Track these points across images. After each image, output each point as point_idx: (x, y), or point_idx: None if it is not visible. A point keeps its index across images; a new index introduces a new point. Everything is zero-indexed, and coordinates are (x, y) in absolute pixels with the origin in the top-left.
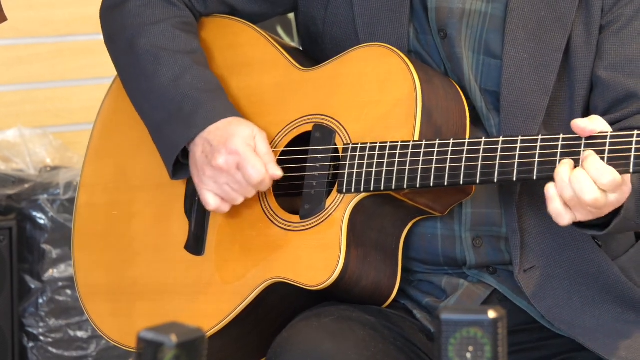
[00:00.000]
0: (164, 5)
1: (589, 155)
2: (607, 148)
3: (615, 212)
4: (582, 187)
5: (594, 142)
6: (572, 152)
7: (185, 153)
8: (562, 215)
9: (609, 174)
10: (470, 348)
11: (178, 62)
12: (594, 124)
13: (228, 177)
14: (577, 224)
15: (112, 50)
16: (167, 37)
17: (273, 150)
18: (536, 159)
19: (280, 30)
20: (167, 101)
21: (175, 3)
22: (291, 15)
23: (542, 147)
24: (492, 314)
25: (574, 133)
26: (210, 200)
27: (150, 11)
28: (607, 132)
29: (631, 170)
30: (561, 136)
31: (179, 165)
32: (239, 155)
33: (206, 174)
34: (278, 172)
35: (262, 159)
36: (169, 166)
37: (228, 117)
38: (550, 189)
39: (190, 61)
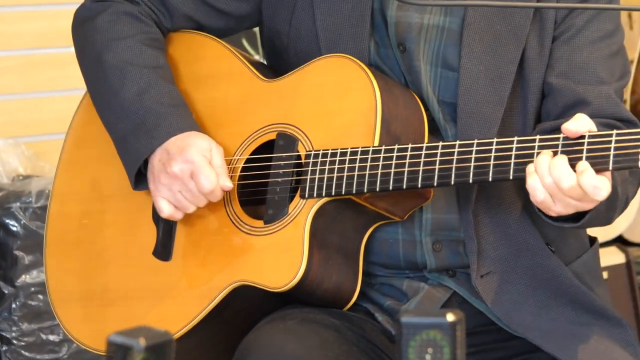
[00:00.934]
0: (131, 21)
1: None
2: (585, 147)
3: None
4: (560, 174)
5: (546, 144)
6: (526, 154)
7: (147, 164)
8: (537, 196)
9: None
10: (430, 350)
11: (144, 76)
12: (581, 124)
13: (182, 185)
14: (556, 218)
15: (82, 63)
16: (134, 52)
17: (238, 158)
18: (491, 162)
19: (245, 44)
20: (131, 114)
21: (142, 19)
22: (256, 29)
23: (497, 150)
24: (450, 317)
25: (530, 137)
26: (164, 207)
27: (119, 27)
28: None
29: (610, 168)
30: (515, 139)
31: (141, 176)
32: (193, 165)
33: (161, 181)
34: (228, 184)
35: (215, 170)
36: (131, 177)
37: (188, 131)
38: (530, 181)
39: (155, 76)
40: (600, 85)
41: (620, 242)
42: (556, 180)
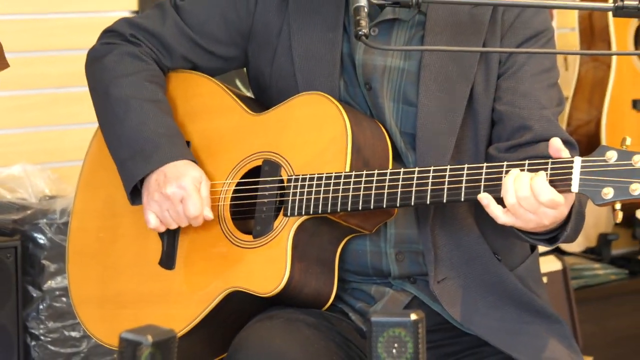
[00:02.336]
0: (134, 61)
1: (534, 175)
2: (548, 172)
3: (562, 228)
4: (519, 186)
5: (493, 170)
6: (475, 180)
7: (142, 183)
8: (499, 217)
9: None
10: (396, 345)
11: (144, 109)
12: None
13: (170, 205)
14: (528, 234)
15: (93, 97)
16: (137, 88)
17: (230, 182)
18: (445, 186)
19: (238, 82)
20: (132, 142)
21: (144, 59)
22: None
23: (450, 176)
24: (413, 317)
25: (478, 164)
26: (151, 220)
27: (123, 66)
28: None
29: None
30: (466, 166)
31: (138, 193)
32: (185, 191)
33: (154, 198)
34: (210, 215)
35: (202, 199)
36: (127, 194)
37: (182, 160)
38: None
39: (155, 109)
40: (541, 110)
41: (557, 252)
42: (520, 187)
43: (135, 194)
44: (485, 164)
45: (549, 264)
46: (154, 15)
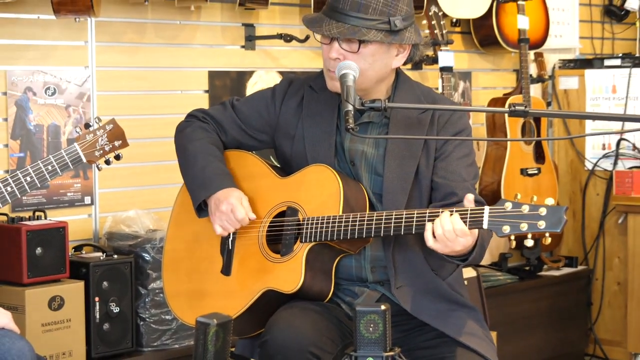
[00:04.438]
0: (203, 132)
1: (453, 215)
2: (468, 217)
3: (470, 253)
4: (441, 223)
5: (432, 215)
6: (421, 219)
7: (205, 204)
8: (429, 242)
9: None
10: (372, 325)
11: (207, 159)
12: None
13: (227, 216)
14: (452, 257)
15: (178, 154)
16: (203, 147)
17: (267, 220)
18: (402, 224)
19: (271, 157)
20: (198, 179)
21: (210, 131)
22: None
23: (406, 218)
24: (382, 307)
25: (423, 212)
26: (217, 229)
27: (196, 134)
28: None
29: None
30: (416, 212)
31: (202, 211)
32: (232, 205)
33: (215, 214)
34: (253, 216)
35: (244, 208)
36: (195, 210)
37: (229, 188)
38: (426, 232)
39: (212, 159)
40: (463, 182)
41: (473, 265)
42: (442, 224)
43: (199, 211)
44: (428, 210)
45: (468, 273)
46: (219, 109)
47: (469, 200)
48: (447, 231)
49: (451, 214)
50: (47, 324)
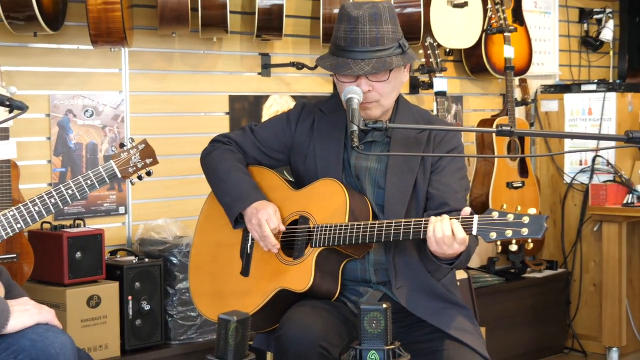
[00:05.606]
0: (229, 152)
1: (454, 221)
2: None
3: (456, 258)
4: (442, 226)
5: (427, 223)
6: (417, 226)
7: (240, 216)
8: (432, 244)
9: (459, 232)
10: (374, 322)
11: (238, 175)
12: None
13: (258, 228)
14: (440, 259)
15: (206, 174)
16: (232, 164)
17: (281, 228)
18: (401, 230)
19: (285, 172)
20: (233, 192)
21: (235, 152)
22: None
23: (404, 226)
24: (384, 305)
25: (419, 220)
26: (256, 235)
27: (223, 155)
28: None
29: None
30: (413, 220)
31: (238, 223)
32: (261, 220)
33: (252, 223)
34: (282, 227)
35: (275, 220)
36: (232, 222)
37: (262, 200)
38: (429, 231)
39: (243, 175)
40: (455, 193)
41: (465, 268)
42: (443, 227)
43: (236, 223)
44: (423, 219)
45: (460, 275)
46: (239, 133)
47: (466, 212)
48: (447, 237)
49: (454, 220)
50: (86, 320)
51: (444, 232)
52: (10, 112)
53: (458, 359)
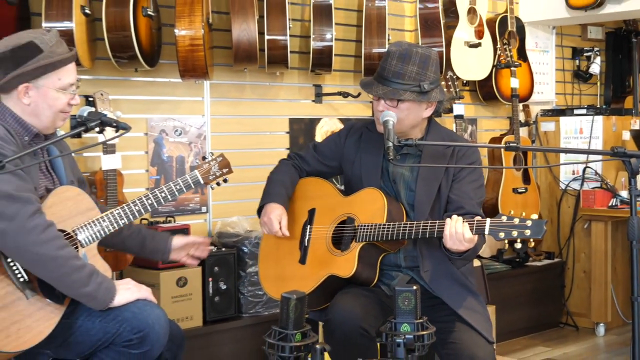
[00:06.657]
0: (287, 167)
1: (465, 225)
2: (474, 225)
3: (465, 252)
4: (456, 226)
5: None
6: (441, 227)
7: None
8: (446, 241)
9: (468, 232)
10: (406, 301)
11: (276, 185)
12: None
13: (269, 223)
14: (452, 253)
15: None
16: (278, 177)
17: (332, 226)
18: (428, 229)
19: (335, 181)
20: (267, 194)
21: (293, 167)
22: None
23: (430, 226)
24: (414, 287)
25: (441, 221)
26: (264, 228)
27: (282, 168)
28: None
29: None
30: (437, 222)
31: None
32: (270, 219)
33: (264, 219)
34: (287, 233)
35: (279, 224)
36: (257, 211)
37: (276, 203)
38: (445, 230)
39: (280, 186)
40: (470, 200)
41: (478, 258)
42: (456, 228)
43: (258, 213)
44: (437, 222)
45: (475, 263)
46: (304, 149)
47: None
48: (458, 235)
49: (464, 224)
50: (176, 297)
51: (457, 233)
52: (116, 131)
53: (465, 338)
